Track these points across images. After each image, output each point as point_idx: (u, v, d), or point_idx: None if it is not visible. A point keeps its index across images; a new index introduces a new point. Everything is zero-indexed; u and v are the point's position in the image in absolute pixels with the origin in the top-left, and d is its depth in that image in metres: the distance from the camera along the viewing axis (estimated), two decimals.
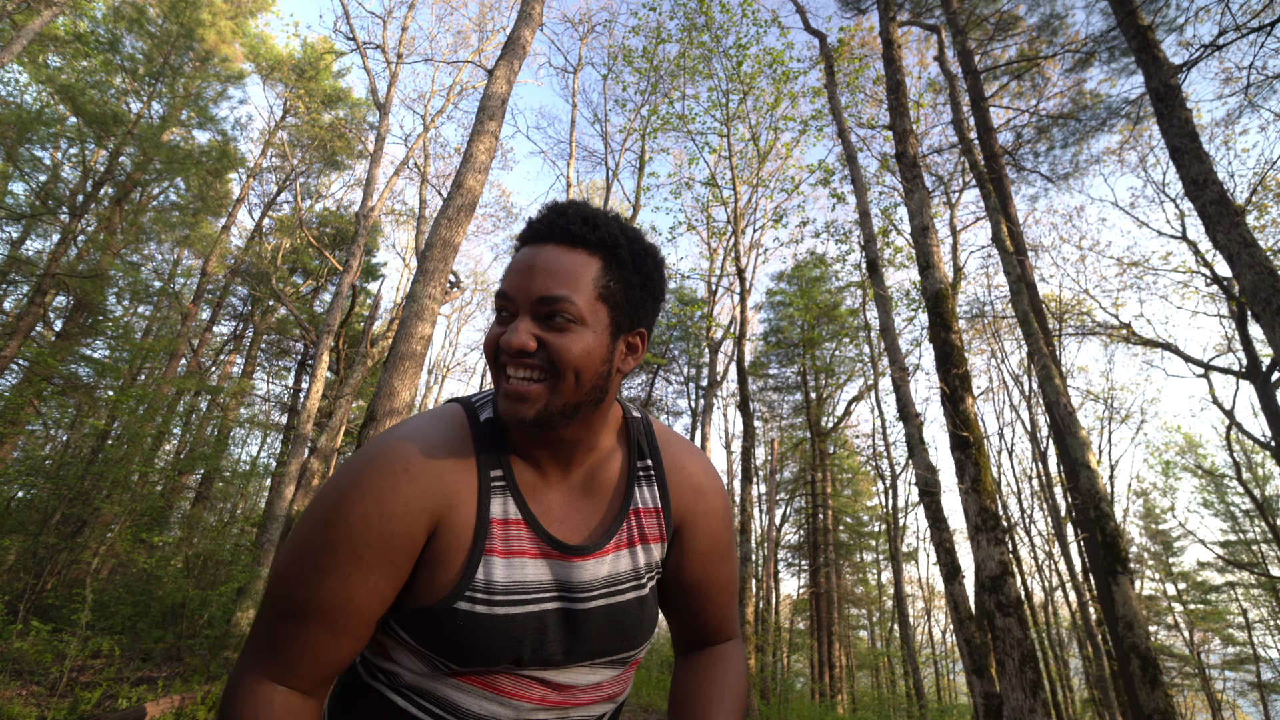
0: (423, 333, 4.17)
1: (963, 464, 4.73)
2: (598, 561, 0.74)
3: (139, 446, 7.98)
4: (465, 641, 0.66)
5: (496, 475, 0.71)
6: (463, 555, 0.67)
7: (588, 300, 0.68)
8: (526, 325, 0.67)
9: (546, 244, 0.69)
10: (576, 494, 0.76)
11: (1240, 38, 4.58)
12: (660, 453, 0.83)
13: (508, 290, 0.69)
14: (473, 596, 0.66)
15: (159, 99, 13.40)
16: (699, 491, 0.84)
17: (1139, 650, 4.61)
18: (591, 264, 0.69)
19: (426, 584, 0.67)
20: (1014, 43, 9.90)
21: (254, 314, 17.68)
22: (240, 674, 0.64)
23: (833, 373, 18.11)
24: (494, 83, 5.09)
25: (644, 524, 0.79)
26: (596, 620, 0.73)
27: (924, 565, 27.02)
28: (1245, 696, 19.85)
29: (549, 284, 0.67)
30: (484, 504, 0.69)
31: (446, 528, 0.67)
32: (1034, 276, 8.00)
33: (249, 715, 0.61)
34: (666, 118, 13.64)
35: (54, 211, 11.51)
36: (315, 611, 0.63)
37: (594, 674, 0.74)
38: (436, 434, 0.70)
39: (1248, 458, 17.60)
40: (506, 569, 0.68)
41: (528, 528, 0.71)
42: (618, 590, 0.75)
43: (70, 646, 4.72)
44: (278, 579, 0.65)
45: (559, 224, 0.69)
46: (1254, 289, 3.85)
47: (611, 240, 0.70)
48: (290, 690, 0.64)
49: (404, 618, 0.68)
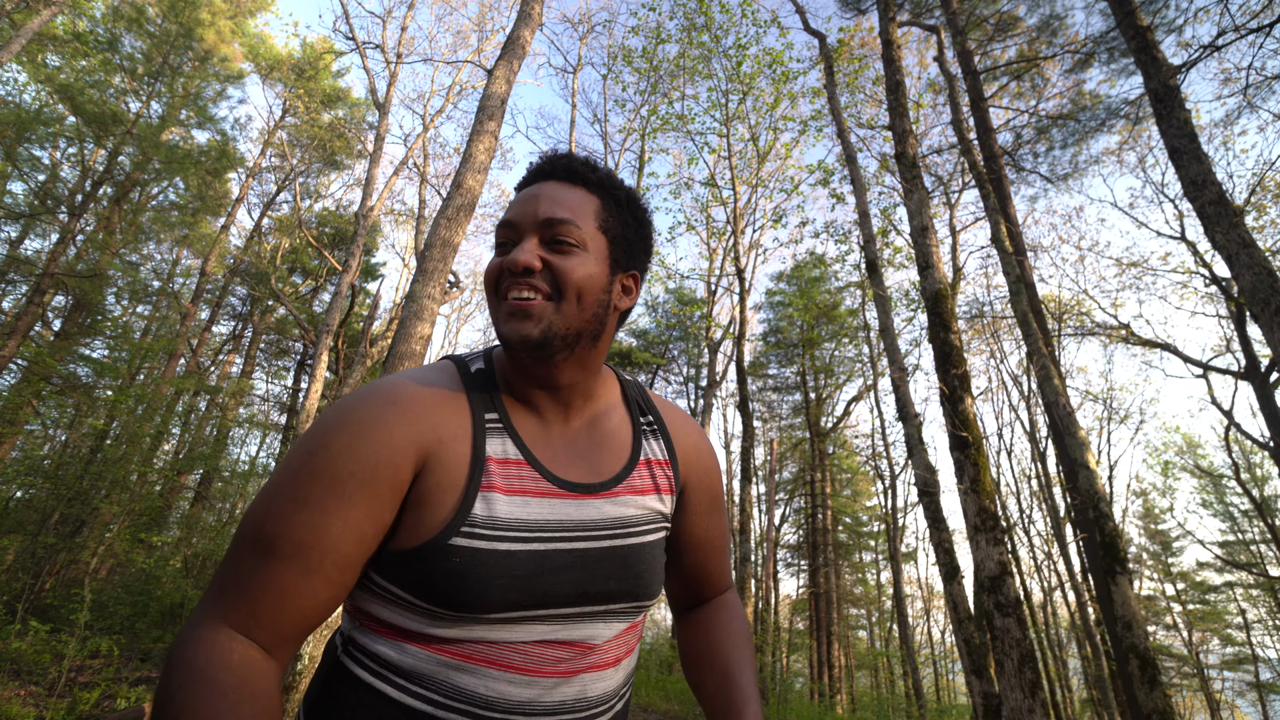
0: (422, 333, 4.17)
1: (962, 464, 4.73)
2: (608, 501, 0.73)
3: (138, 446, 7.97)
4: (462, 580, 0.61)
5: (492, 418, 0.70)
6: (457, 492, 0.64)
7: (590, 229, 0.72)
8: (532, 245, 0.69)
9: (549, 180, 0.74)
10: (580, 440, 0.76)
11: (1239, 38, 4.58)
12: (658, 410, 0.86)
13: (513, 218, 0.71)
14: (470, 532, 0.63)
15: (158, 98, 13.39)
16: (698, 449, 0.87)
17: (1138, 650, 4.62)
18: (591, 199, 0.74)
19: (414, 525, 0.63)
20: (1014, 43, 9.92)
21: (253, 314, 17.67)
22: (195, 621, 0.57)
23: (832, 373, 18.12)
24: (493, 83, 5.08)
25: (655, 474, 0.80)
26: (610, 560, 0.70)
27: (923, 565, 27.11)
28: (1244, 696, 19.87)
29: (554, 208, 0.70)
30: (479, 443, 0.67)
31: (436, 463, 0.64)
32: (1033, 277, 8.00)
33: (200, 662, 0.54)
34: (666, 118, 13.65)
35: (53, 211, 11.49)
36: (287, 546, 0.58)
37: (608, 627, 0.71)
38: (427, 377, 0.71)
39: (1246, 458, 17.63)
40: (509, 505, 0.66)
41: (529, 466, 0.69)
42: (630, 533, 0.74)
43: (69, 646, 4.72)
44: (249, 515, 0.60)
45: (560, 163, 0.74)
46: (1253, 289, 3.85)
47: (609, 183, 0.76)
48: (249, 642, 0.57)
49: (389, 565, 0.64)
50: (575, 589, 0.67)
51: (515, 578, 0.63)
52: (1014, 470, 18.02)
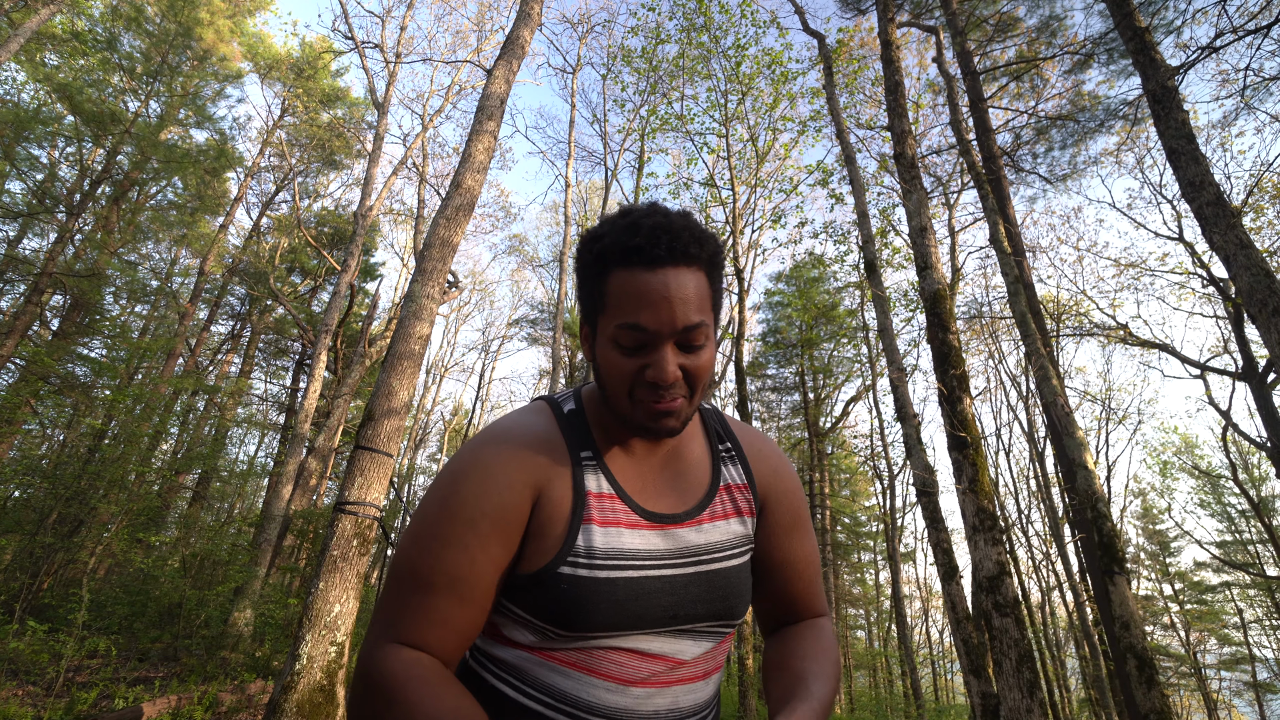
0: (421, 332, 4.16)
1: (960, 464, 4.74)
2: (693, 530, 0.78)
3: (136, 446, 7.96)
4: (570, 604, 0.69)
5: (586, 455, 0.77)
6: (563, 524, 0.72)
7: (709, 317, 0.72)
8: (672, 355, 0.70)
9: (666, 267, 0.69)
10: (666, 472, 0.82)
11: (1237, 39, 4.59)
12: (736, 436, 0.90)
13: (644, 323, 0.69)
14: (574, 561, 0.71)
15: (157, 98, 13.37)
16: (776, 471, 0.89)
17: (1135, 650, 4.62)
18: (704, 280, 0.72)
19: (532, 553, 0.72)
20: (1013, 44, 9.93)
21: (252, 313, 17.65)
22: (373, 646, 0.68)
23: (831, 373, 18.12)
24: (493, 82, 5.08)
25: (736, 498, 0.84)
26: (698, 584, 0.76)
27: (921, 565, 27.12)
28: (1241, 696, 19.92)
29: (688, 313, 0.69)
30: (578, 479, 0.75)
31: (546, 499, 0.73)
32: (1032, 277, 8.01)
33: (400, 669, 0.64)
34: (665, 118, 13.64)
35: (51, 210, 11.47)
36: (441, 580, 0.68)
37: (697, 645, 0.76)
38: (528, 422, 0.79)
39: (1243, 458, 17.66)
40: (604, 537, 0.73)
41: (620, 500, 0.76)
42: (716, 558, 0.79)
43: (67, 646, 4.71)
44: (403, 556, 0.71)
45: (677, 246, 0.69)
46: (1250, 290, 3.86)
47: (714, 251, 0.73)
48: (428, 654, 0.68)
49: (512, 589, 0.73)
50: (666, 612, 0.73)
51: (613, 602, 0.70)
52: (1012, 470, 18.05)
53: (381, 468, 3.77)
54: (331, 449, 10.97)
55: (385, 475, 3.79)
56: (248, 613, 7.82)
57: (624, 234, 0.70)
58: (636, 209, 0.73)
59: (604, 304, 0.72)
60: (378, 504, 3.69)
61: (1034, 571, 17.55)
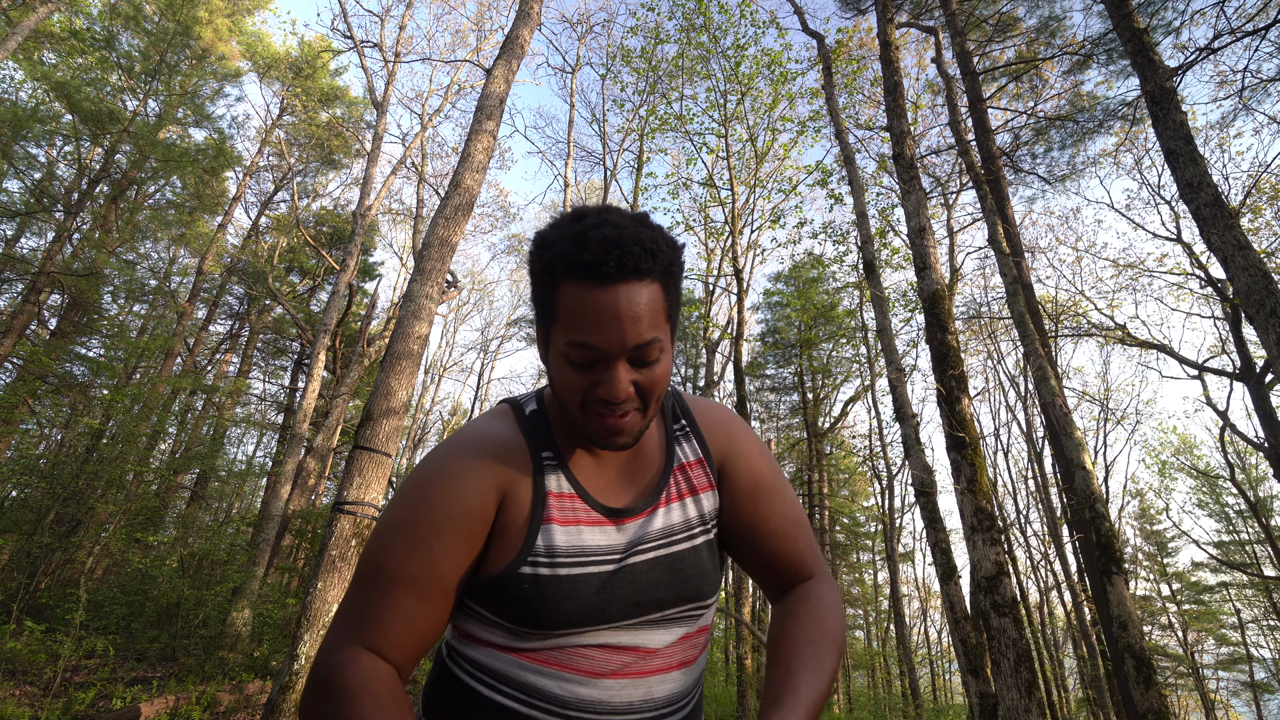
0: (420, 332, 4.16)
1: (959, 464, 4.74)
2: (649, 518, 0.79)
3: (134, 446, 7.95)
4: (534, 604, 0.71)
5: (547, 456, 0.78)
6: (523, 525, 0.74)
7: (664, 328, 0.71)
8: (624, 373, 0.70)
9: (616, 284, 0.66)
10: (624, 463, 0.83)
11: (1235, 41, 4.60)
12: (691, 411, 0.90)
13: (594, 342, 0.67)
14: (535, 561, 0.72)
15: (155, 96, 13.35)
16: (730, 434, 0.89)
17: (1133, 650, 4.63)
18: (658, 292, 0.70)
19: (495, 554, 0.73)
20: (1012, 44, 9.94)
21: (250, 313, 17.62)
22: (334, 647, 0.68)
23: (830, 373, 18.13)
24: (492, 82, 5.08)
25: (690, 476, 0.84)
26: (658, 570, 0.77)
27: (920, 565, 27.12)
28: (1238, 696, 19.97)
29: (639, 330, 0.67)
30: (539, 479, 0.76)
31: (510, 501, 0.74)
32: (1030, 278, 8.02)
33: (359, 679, 0.64)
34: (664, 118, 13.63)
35: (49, 209, 11.45)
36: (404, 578, 0.69)
37: (668, 632, 0.77)
38: (491, 427, 0.80)
39: (1241, 459, 17.69)
40: (565, 535, 0.74)
41: (580, 499, 0.77)
42: (674, 540, 0.79)
43: (64, 646, 4.70)
44: (370, 554, 0.72)
45: (626, 262, 0.65)
46: (1248, 291, 3.87)
47: (666, 262, 0.70)
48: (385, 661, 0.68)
49: (478, 591, 0.74)
50: (629, 601, 0.74)
51: (575, 599, 0.72)
52: (1011, 470, 18.07)
53: (380, 467, 3.76)
54: (330, 449, 10.96)
55: (384, 475, 3.79)
56: (246, 613, 7.81)
57: (573, 246, 0.66)
58: (588, 215, 0.69)
59: (554, 316, 0.70)
60: (376, 504, 3.68)
61: (1032, 571, 17.58)
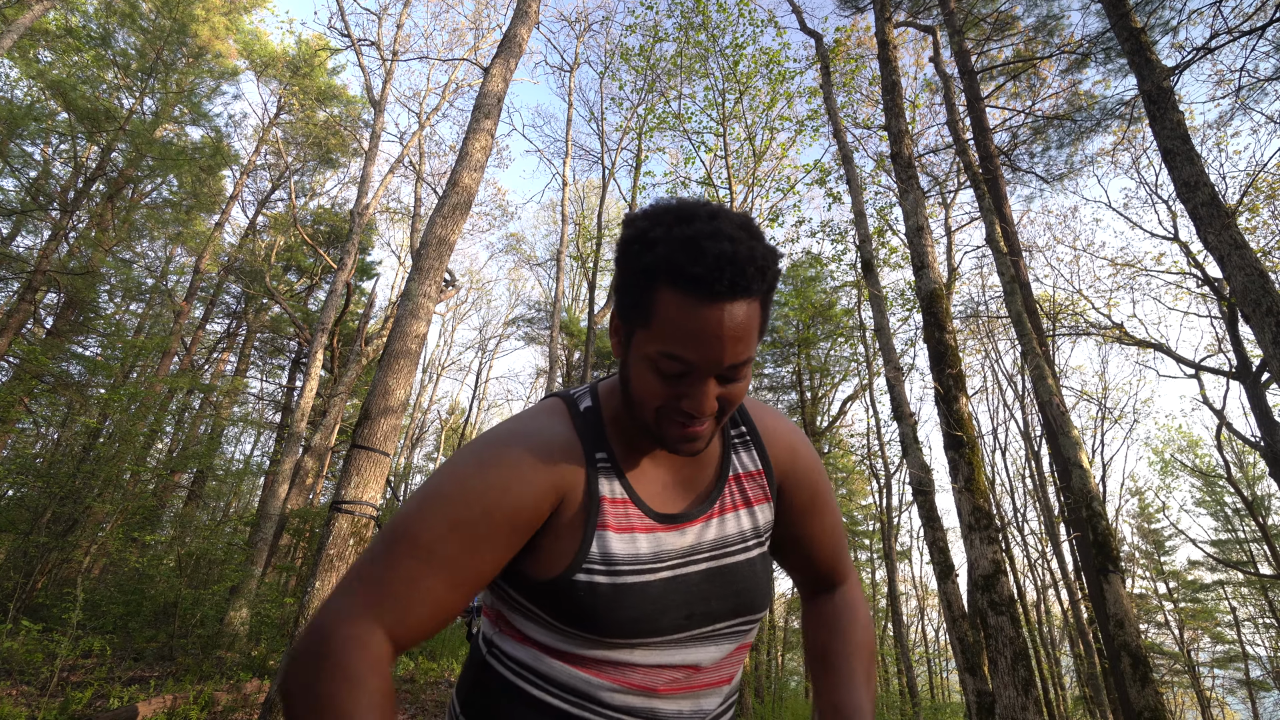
0: (417, 331, 4.15)
1: (956, 463, 4.75)
2: (702, 527, 0.77)
3: (131, 445, 7.93)
4: (591, 611, 0.69)
5: (601, 457, 0.75)
6: (579, 530, 0.71)
7: (756, 345, 0.68)
8: (712, 389, 0.66)
9: (724, 302, 0.62)
10: (678, 468, 0.80)
11: (1232, 40, 4.61)
12: (752, 419, 0.87)
13: (690, 358, 0.64)
14: (591, 569, 0.70)
15: (151, 95, 13.30)
16: (793, 450, 0.87)
17: (1130, 648, 4.65)
18: (757, 309, 0.66)
19: (550, 553, 0.71)
20: (1010, 43, 9.95)
21: (248, 312, 17.57)
22: (347, 615, 0.62)
23: (828, 372, 18.14)
24: (490, 81, 5.07)
25: (746, 487, 0.82)
26: (712, 581, 0.75)
27: (917, 564, 27.18)
28: (1234, 694, 20.04)
29: (738, 350, 0.64)
30: (593, 483, 0.73)
31: (565, 504, 0.72)
32: (1028, 277, 8.04)
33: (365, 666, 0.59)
34: (663, 117, 13.62)
35: (45, 208, 11.40)
36: (441, 559, 0.65)
37: (717, 648, 0.76)
38: (550, 422, 0.76)
39: (1238, 457, 17.75)
40: (619, 543, 0.72)
41: (634, 505, 0.75)
42: (728, 552, 0.78)
43: (61, 646, 4.69)
44: (407, 522, 0.66)
45: (739, 282, 0.61)
46: (1244, 290, 3.88)
47: (773, 279, 0.66)
48: (389, 642, 0.63)
49: (531, 591, 0.71)
50: (681, 613, 0.73)
51: (629, 607, 0.70)
52: (1008, 469, 18.12)
53: (378, 467, 3.76)
54: (328, 448, 10.95)
55: (382, 474, 3.78)
56: (244, 612, 7.80)
57: (681, 254, 0.61)
58: (698, 217, 0.63)
59: (647, 319, 0.65)
60: (374, 503, 3.68)
61: (1029, 570, 17.63)
